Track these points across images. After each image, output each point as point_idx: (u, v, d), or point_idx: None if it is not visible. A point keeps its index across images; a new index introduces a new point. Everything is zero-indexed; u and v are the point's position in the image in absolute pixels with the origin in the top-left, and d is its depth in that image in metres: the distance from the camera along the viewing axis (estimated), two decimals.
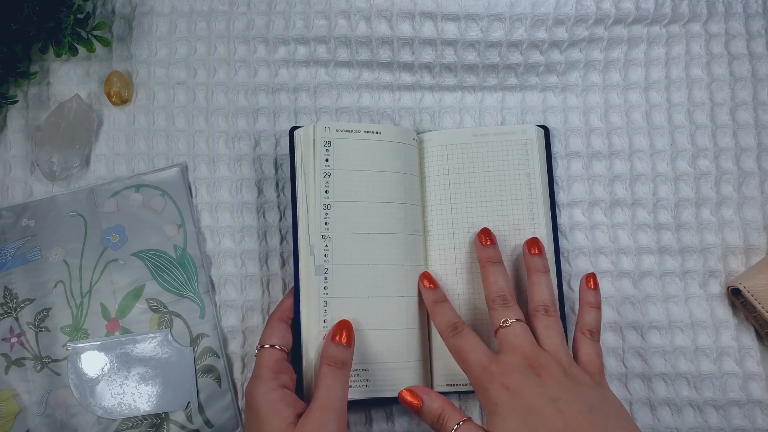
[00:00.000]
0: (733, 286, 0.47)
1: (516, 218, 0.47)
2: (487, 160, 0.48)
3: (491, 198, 0.47)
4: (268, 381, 0.40)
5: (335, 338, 0.41)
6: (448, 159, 0.48)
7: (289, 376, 0.41)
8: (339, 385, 0.39)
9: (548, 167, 0.49)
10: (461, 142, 0.48)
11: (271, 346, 0.42)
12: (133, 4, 0.52)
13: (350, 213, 0.45)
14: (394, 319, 0.44)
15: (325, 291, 0.44)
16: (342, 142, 0.46)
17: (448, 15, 0.49)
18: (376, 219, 0.45)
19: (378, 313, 0.44)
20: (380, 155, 0.46)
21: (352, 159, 0.46)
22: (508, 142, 0.48)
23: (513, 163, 0.48)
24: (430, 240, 0.47)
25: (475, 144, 0.48)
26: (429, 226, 0.48)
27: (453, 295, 0.46)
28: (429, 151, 0.48)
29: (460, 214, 0.47)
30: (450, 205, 0.47)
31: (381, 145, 0.46)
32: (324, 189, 0.45)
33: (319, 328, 0.43)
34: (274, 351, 0.41)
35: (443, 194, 0.47)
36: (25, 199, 0.49)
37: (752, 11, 0.52)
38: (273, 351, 0.41)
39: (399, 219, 0.46)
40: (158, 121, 0.51)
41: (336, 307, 0.44)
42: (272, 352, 0.41)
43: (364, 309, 0.44)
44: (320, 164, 0.45)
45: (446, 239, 0.47)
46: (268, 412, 0.38)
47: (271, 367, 0.41)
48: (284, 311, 0.44)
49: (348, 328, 0.42)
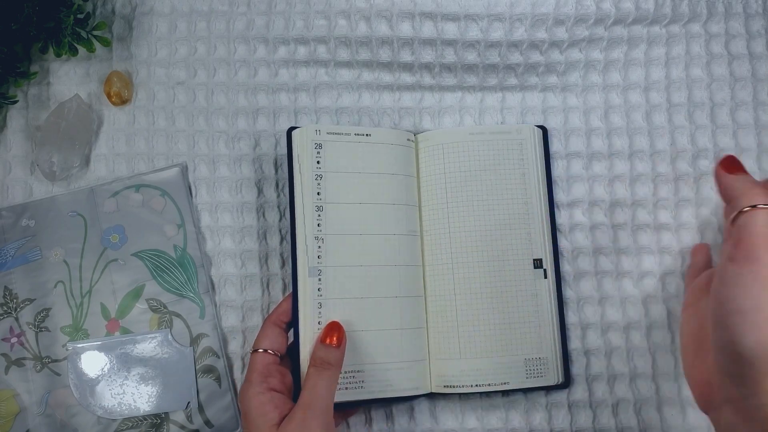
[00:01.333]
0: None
1: (511, 217, 0.47)
2: (483, 159, 0.48)
3: (487, 197, 0.47)
4: (257, 385, 0.40)
5: (325, 340, 0.42)
6: (444, 158, 0.48)
7: (279, 379, 0.41)
8: (324, 384, 0.40)
9: (547, 167, 0.49)
10: (457, 140, 0.48)
11: (264, 351, 0.42)
12: (133, 4, 0.52)
13: (343, 215, 0.45)
14: (389, 320, 0.44)
15: (319, 293, 0.44)
16: (333, 144, 0.46)
17: (448, 15, 0.49)
18: (369, 220, 0.45)
19: (372, 313, 0.44)
20: (371, 157, 0.46)
21: (344, 161, 0.46)
22: (504, 141, 0.48)
23: (509, 162, 0.48)
24: (426, 240, 0.47)
25: (471, 143, 0.48)
26: (425, 225, 0.47)
27: (447, 296, 0.46)
28: (425, 150, 0.48)
29: (456, 214, 0.47)
30: (446, 204, 0.47)
31: (372, 147, 0.47)
32: (316, 191, 0.45)
33: (314, 329, 0.43)
34: (265, 355, 0.42)
35: (440, 194, 0.47)
36: (26, 199, 0.49)
37: (752, 11, 0.52)
38: (264, 355, 0.42)
39: (392, 220, 0.46)
40: (158, 122, 0.51)
41: (330, 308, 0.44)
42: (263, 356, 0.42)
43: (358, 310, 0.44)
44: (312, 166, 0.45)
45: (443, 239, 0.47)
46: (255, 415, 0.39)
47: (260, 371, 0.41)
48: (279, 315, 0.44)
49: (338, 330, 0.42)
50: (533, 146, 0.48)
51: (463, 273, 0.46)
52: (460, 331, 0.45)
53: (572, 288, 0.49)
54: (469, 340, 0.45)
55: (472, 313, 0.46)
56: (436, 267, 0.47)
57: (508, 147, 0.48)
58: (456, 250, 0.47)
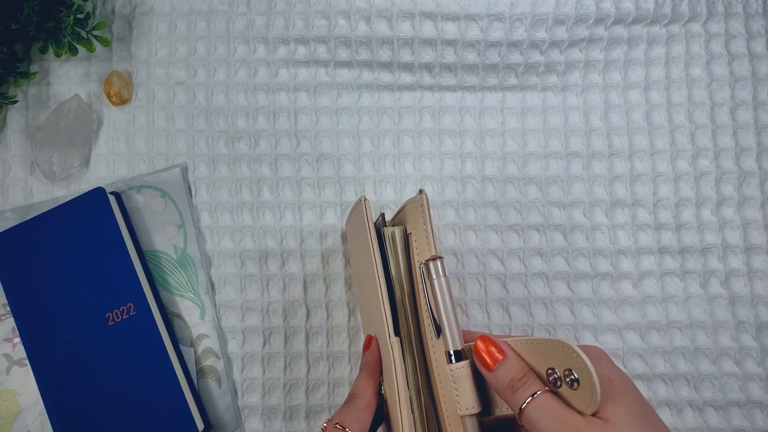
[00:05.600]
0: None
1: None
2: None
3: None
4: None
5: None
6: None
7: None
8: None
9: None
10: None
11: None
12: (133, 4, 0.52)
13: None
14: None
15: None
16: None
17: (448, 15, 0.49)
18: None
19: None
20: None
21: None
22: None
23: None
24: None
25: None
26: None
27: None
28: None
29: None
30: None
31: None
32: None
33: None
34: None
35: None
36: (26, 200, 0.49)
37: (752, 11, 0.52)
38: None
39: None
40: (158, 121, 0.51)
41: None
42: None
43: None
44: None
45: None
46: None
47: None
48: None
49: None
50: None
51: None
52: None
53: (572, 289, 0.49)
54: None
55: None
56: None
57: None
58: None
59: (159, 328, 0.45)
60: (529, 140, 0.51)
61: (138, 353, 0.45)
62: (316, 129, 0.51)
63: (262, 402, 0.47)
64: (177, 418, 0.44)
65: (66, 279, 0.46)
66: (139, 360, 0.45)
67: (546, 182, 0.50)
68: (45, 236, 0.46)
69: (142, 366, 0.45)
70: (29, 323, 0.46)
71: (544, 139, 0.51)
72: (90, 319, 0.45)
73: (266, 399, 0.48)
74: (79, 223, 0.46)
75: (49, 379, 0.45)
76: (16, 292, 0.46)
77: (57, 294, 0.46)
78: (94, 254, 0.46)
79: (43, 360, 0.45)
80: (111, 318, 0.45)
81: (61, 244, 0.46)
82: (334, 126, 0.51)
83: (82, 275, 0.46)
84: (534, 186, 0.50)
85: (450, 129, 0.51)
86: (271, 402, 0.47)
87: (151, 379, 0.44)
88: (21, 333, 0.46)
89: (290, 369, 0.48)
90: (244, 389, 0.48)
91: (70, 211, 0.46)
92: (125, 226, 0.47)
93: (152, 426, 0.44)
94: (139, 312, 0.45)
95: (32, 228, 0.46)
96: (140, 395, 0.44)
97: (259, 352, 0.48)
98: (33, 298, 0.46)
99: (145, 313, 0.45)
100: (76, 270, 0.46)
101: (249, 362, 0.48)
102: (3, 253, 0.46)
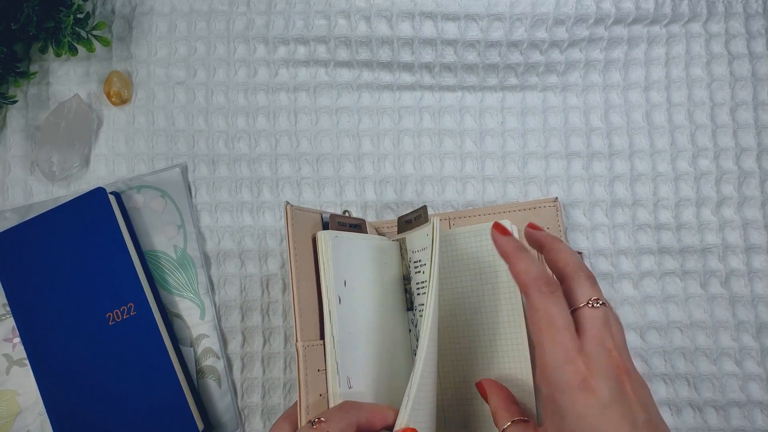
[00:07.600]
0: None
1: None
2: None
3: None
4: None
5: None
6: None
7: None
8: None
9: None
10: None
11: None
12: (133, 4, 0.52)
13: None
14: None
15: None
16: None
17: (448, 15, 0.49)
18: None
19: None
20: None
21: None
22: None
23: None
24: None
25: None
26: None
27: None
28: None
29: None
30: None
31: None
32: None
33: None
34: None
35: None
36: (26, 200, 0.49)
37: (752, 11, 0.52)
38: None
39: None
40: (158, 121, 0.51)
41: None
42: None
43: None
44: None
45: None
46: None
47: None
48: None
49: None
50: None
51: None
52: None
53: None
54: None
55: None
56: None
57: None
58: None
59: (159, 328, 0.45)
60: (529, 140, 0.51)
61: (138, 353, 0.45)
62: (316, 129, 0.51)
63: (262, 402, 0.47)
64: (177, 418, 0.44)
65: (66, 279, 0.46)
66: (139, 360, 0.45)
67: (546, 182, 0.50)
68: (45, 236, 0.46)
69: (142, 366, 0.44)
70: (29, 323, 0.46)
71: (544, 139, 0.51)
72: (90, 319, 0.45)
73: (266, 399, 0.48)
74: (80, 223, 0.46)
75: (49, 379, 0.45)
76: (16, 292, 0.46)
77: (57, 294, 0.46)
78: (94, 254, 0.46)
79: (43, 360, 0.45)
80: (111, 318, 0.45)
81: (61, 244, 0.46)
82: (334, 126, 0.51)
83: (82, 275, 0.46)
84: (534, 186, 0.50)
85: (450, 129, 0.51)
86: (271, 402, 0.48)
87: (151, 380, 0.44)
88: (21, 333, 0.46)
89: (290, 369, 0.48)
90: (244, 389, 0.48)
91: (71, 211, 0.46)
92: (125, 226, 0.47)
93: (152, 426, 0.44)
94: (139, 312, 0.45)
95: (32, 228, 0.46)
96: (140, 395, 0.44)
97: (259, 352, 0.48)
98: (33, 298, 0.46)
99: (145, 313, 0.45)
100: (76, 270, 0.46)
101: (249, 362, 0.48)
102: (3, 253, 0.46)
